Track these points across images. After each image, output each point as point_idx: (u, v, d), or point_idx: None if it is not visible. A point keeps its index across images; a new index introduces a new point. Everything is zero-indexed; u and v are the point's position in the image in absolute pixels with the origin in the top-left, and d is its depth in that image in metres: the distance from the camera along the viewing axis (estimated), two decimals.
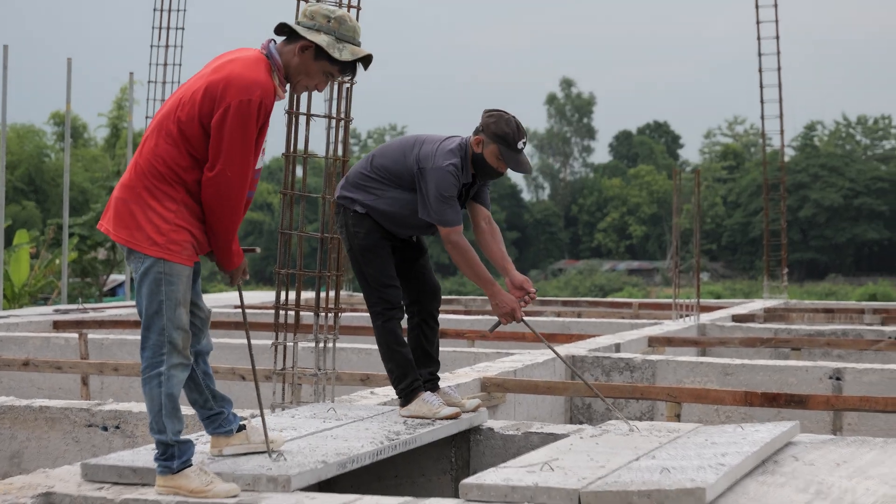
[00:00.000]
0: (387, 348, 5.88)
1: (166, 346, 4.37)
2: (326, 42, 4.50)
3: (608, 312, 16.61)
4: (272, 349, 6.73)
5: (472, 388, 7.57)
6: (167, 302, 4.36)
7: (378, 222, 5.87)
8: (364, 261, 5.88)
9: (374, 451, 5.05)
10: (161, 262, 4.35)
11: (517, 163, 5.71)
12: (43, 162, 55.67)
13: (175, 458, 4.39)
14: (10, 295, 20.69)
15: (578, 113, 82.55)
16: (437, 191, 5.64)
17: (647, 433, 5.51)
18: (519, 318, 5.83)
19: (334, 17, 4.54)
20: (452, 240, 5.70)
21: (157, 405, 4.38)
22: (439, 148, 5.74)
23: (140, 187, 4.39)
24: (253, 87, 4.33)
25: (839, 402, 7.15)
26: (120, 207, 4.41)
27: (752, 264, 62.48)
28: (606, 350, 10.07)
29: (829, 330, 12.85)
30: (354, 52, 4.56)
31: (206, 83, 4.38)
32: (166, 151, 4.38)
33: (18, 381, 10.76)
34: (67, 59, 17.98)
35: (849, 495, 4.40)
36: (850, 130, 74.97)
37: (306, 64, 4.53)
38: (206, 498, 4.31)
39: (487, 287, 5.78)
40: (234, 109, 4.31)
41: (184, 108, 4.39)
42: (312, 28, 4.52)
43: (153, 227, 4.35)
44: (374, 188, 5.85)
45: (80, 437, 6.56)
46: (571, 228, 74.99)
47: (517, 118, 5.77)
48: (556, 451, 5.05)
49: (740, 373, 9.16)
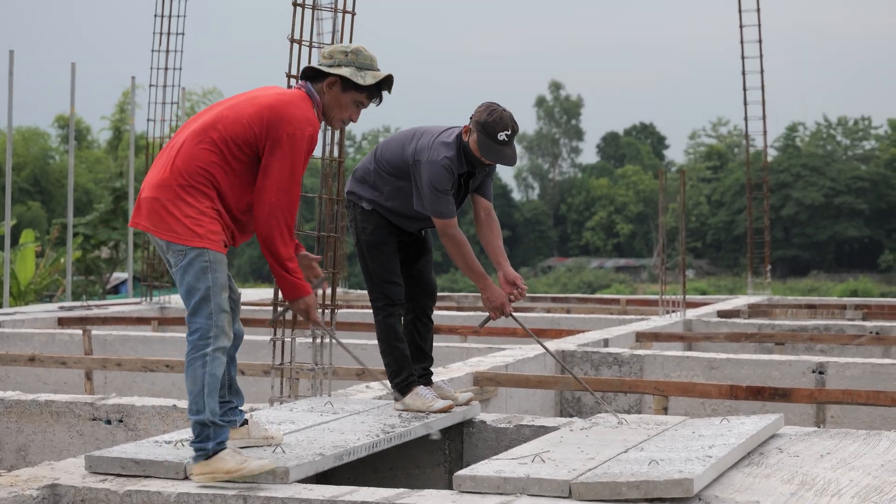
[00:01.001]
0: (386, 343, 5.96)
1: (214, 328, 4.55)
2: (349, 72, 4.88)
3: (596, 308, 16.72)
4: (270, 345, 6.83)
5: (464, 382, 7.64)
6: (214, 287, 4.57)
7: (385, 217, 5.95)
8: (369, 256, 5.96)
9: (370, 444, 5.11)
10: (205, 251, 4.57)
11: (493, 152, 5.67)
12: (48, 164, 55.91)
13: (211, 438, 4.50)
14: (17, 292, 20.81)
15: (567, 115, 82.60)
16: (430, 184, 5.68)
17: (635, 426, 5.58)
18: (508, 312, 5.88)
19: (350, 50, 4.93)
20: (449, 233, 5.75)
21: (199, 385, 4.52)
22: (435, 141, 5.77)
23: (176, 185, 4.61)
24: (305, 122, 4.69)
25: (822, 395, 7.22)
26: (155, 206, 4.63)
27: (736, 261, 62.62)
28: (595, 345, 10.15)
29: (812, 325, 12.94)
30: (376, 75, 4.93)
31: (260, 108, 4.69)
32: (206, 157, 4.64)
33: (25, 376, 10.84)
34: (71, 64, 18.16)
35: (833, 486, 4.46)
36: (830, 131, 75.12)
37: (336, 98, 4.92)
38: (241, 475, 4.43)
39: (480, 280, 5.84)
40: (290, 140, 4.65)
41: (230, 123, 4.67)
42: (334, 65, 4.91)
43: (192, 221, 4.58)
44: (378, 182, 5.92)
45: (85, 430, 6.63)
46: (560, 227, 75.05)
47: (509, 112, 5.74)
48: (546, 443, 5.12)
49: (725, 367, 9.24)
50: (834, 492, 4.38)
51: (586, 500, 4.23)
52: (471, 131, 5.73)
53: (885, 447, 5.21)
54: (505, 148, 5.70)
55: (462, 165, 5.77)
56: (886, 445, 5.24)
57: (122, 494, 4.40)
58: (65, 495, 4.46)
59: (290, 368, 6.73)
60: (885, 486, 4.46)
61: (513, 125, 5.71)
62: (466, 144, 5.74)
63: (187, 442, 4.91)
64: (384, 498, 4.28)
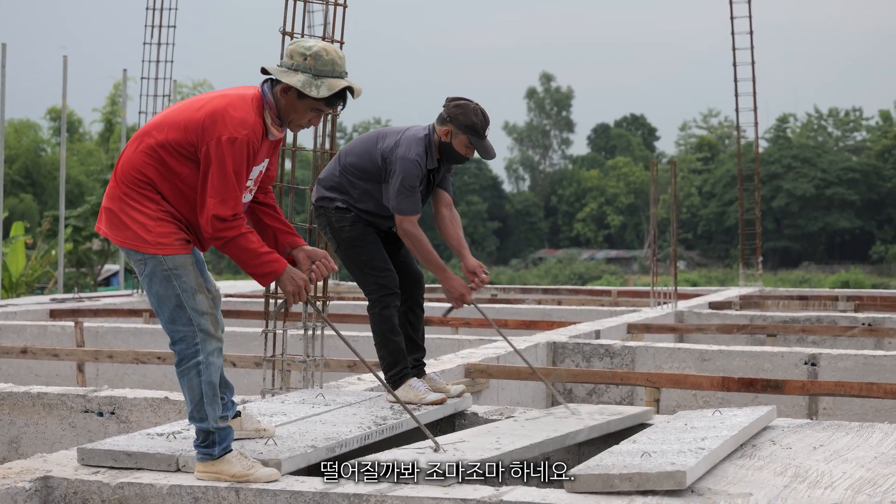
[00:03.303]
0: (381, 336, 5.98)
1: (199, 334, 4.43)
2: (302, 82, 4.46)
3: (588, 300, 16.74)
4: (262, 336, 6.83)
5: (456, 374, 7.65)
6: (184, 294, 4.42)
7: (359, 212, 5.99)
8: (354, 251, 5.97)
9: (362, 436, 5.13)
10: (160, 259, 4.43)
11: (485, 150, 5.85)
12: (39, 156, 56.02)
13: (216, 444, 4.43)
14: (8, 284, 20.82)
15: (557, 106, 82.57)
16: (401, 182, 5.78)
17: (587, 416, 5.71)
18: (469, 301, 5.99)
19: (310, 53, 4.50)
20: (405, 227, 5.85)
21: (197, 394, 4.43)
22: (403, 138, 5.87)
23: (120, 193, 4.48)
24: (239, 125, 4.39)
25: (815, 387, 7.24)
26: (109, 214, 4.52)
27: (728, 253, 62.71)
28: (587, 337, 10.15)
29: (804, 317, 12.97)
30: (332, 86, 4.48)
31: (198, 117, 4.43)
32: (143, 163, 4.46)
33: (17, 368, 10.84)
34: (63, 57, 18.22)
35: (826, 478, 4.47)
36: (821, 122, 75.18)
37: (292, 104, 4.52)
38: (248, 482, 4.35)
39: (439, 272, 5.94)
40: (219, 145, 4.36)
41: (167, 130, 4.46)
42: (290, 68, 4.50)
43: (139, 226, 4.44)
44: (347, 186, 5.97)
45: (77, 422, 6.62)
46: (551, 218, 75.06)
47: (480, 105, 5.89)
48: (469, 434, 5.23)
49: (717, 359, 9.25)
50: (827, 484, 4.38)
51: (578, 493, 4.24)
52: (453, 133, 5.83)
53: (878, 439, 5.22)
54: (488, 142, 5.88)
55: (432, 161, 5.90)
56: (879, 437, 5.25)
57: (115, 487, 4.40)
58: (57, 487, 4.46)
59: (282, 360, 6.73)
60: (878, 478, 4.47)
61: (488, 119, 5.90)
62: (448, 144, 5.86)
63: (180, 434, 4.91)
64: (377, 490, 4.28)
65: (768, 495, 4.21)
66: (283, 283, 4.55)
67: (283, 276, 4.54)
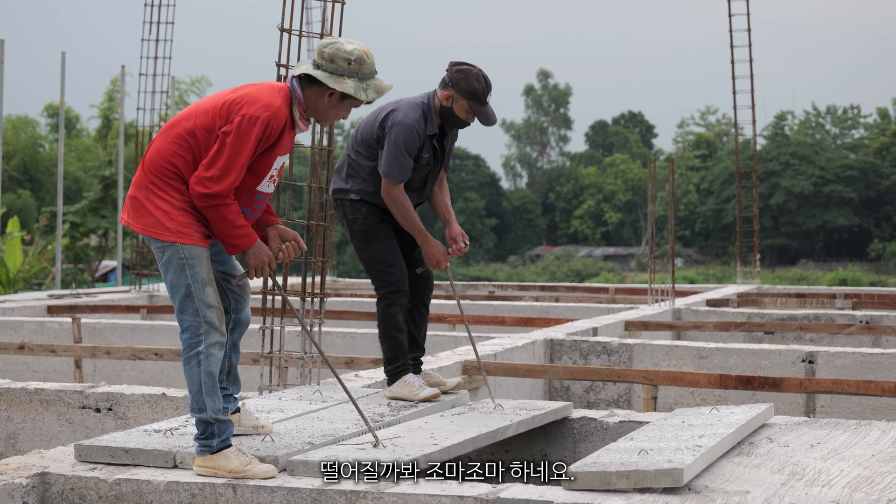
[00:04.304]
0: (384, 331, 6.03)
1: (203, 325, 4.53)
2: (353, 88, 4.71)
3: (585, 297, 16.75)
4: (260, 333, 6.83)
5: (453, 371, 7.63)
6: (195, 284, 4.53)
7: (374, 205, 6.01)
8: (365, 245, 6.02)
9: (359, 433, 5.10)
10: (178, 247, 4.54)
11: (486, 116, 5.87)
12: (37, 152, 56.15)
13: (215, 436, 4.49)
14: (6, 280, 20.84)
15: (555, 103, 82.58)
16: (395, 146, 5.82)
17: (511, 411, 5.75)
18: (444, 267, 6.06)
19: (354, 59, 4.73)
20: (390, 192, 5.90)
21: (196, 384, 4.52)
22: (400, 105, 5.92)
23: (147, 182, 4.60)
24: (263, 107, 4.55)
25: (812, 384, 7.24)
26: (134, 203, 4.63)
27: (725, 250, 62.78)
28: (584, 334, 10.16)
29: (802, 314, 12.97)
30: (379, 88, 4.79)
31: (227, 100, 4.59)
32: (172, 152, 4.58)
33: (14, 364, 10.85)
34: (61, 53, 18.17)
35: (823, 476, 4.47)
36: (819, 120, 75.26)
37: (335, 106, 4.76)
38: (245, 478, 4.39)
39: (419, 236, 6.01)
40: (239, 123, 4.51)
41: (195, 117, 4.60)
42: (336, 73, 4.72)
43: (163, 213, 4.55)
44: (357, 168, 6.00)
45: (74, 418, 6.64)
46: (549, 215, 75.11)
47: (483, 71, 5.90)
48: (403, 429, 5.24)
49: (715, 356, 9.25)
50: (824, 482, 4.38)
51: (575, 490, 4.24)
52: (454, 98, 5.85)
53: (875, 437, 5.22)
54: (489, 108, 5.90)
55: (432, 127, 5.92)
56: (877, 435, 5.26)
57: (112, 483, 4.41)
58: (54, 483, 4.46)
59: (280, 357, 6.73)
60: (875, 476, 4.47)
61: (490, 85, 5.91)
62: (449, 109, 5.88)
63: (177, 431, 4.92)
64: (374, 486, 4.28)
65: (765, 493, 4.21)
66: (248, 255, 4.68)
67: (249, 250, 4.65)
